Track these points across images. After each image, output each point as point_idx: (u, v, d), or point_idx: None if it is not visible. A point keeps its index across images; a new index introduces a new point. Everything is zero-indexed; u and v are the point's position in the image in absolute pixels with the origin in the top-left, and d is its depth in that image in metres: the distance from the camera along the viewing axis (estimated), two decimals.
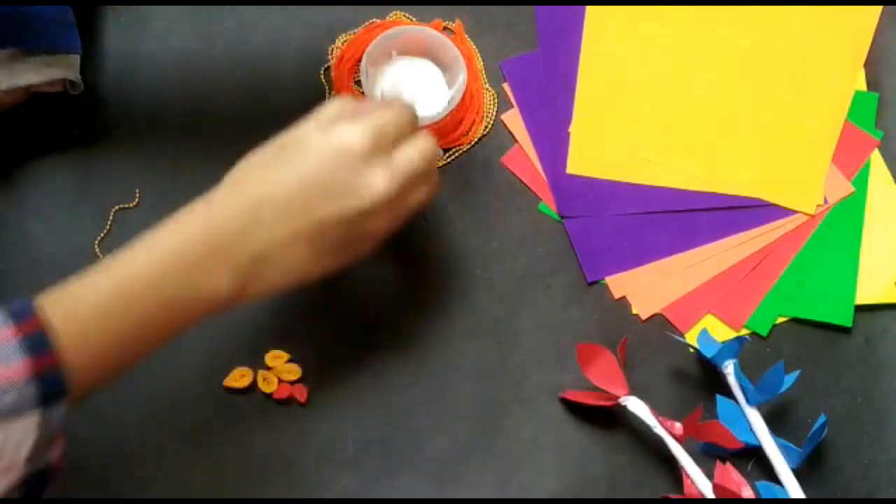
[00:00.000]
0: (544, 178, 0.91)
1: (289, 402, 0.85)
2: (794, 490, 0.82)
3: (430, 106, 0.91)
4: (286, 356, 0.85)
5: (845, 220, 0.91)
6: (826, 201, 0.91)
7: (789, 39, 0.94)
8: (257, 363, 0.85)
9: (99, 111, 0.90)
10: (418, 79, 0.93)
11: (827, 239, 0.91)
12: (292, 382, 0.85)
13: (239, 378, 0.85)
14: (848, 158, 0.92)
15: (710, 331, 0.87)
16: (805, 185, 0.91)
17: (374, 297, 0.88)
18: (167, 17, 0.92)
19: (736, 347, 0.83)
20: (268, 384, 0.85)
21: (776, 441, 0.83)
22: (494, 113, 0.93)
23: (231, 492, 0.84)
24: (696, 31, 0.94)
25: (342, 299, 0.88)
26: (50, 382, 0.59)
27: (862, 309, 0.89)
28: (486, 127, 0.92)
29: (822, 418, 0.83)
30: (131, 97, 0.91)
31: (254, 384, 0.85)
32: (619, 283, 0.90)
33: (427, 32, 0.91)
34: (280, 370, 0.85)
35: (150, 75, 0.91)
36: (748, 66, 0.94)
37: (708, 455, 0.85)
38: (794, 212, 0.91)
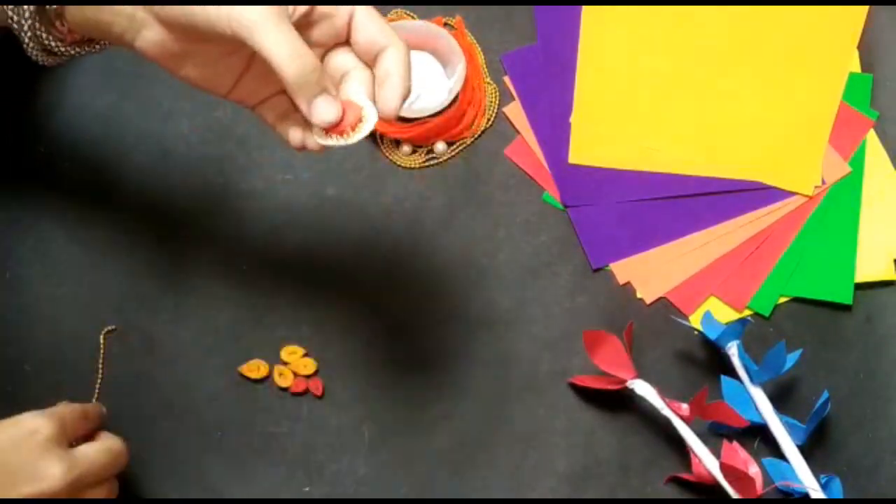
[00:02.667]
0: (547, 168, 0.93)
1: (304, 394, 0.87)
2: (800, 466, 0.83)
3: (432, 99, 0.93)
4: (301, 351, 0.87)
5: (843, 199, 0.92)
6: (824, 182, 0.92)
7: (784, 23, 0.95)
8: (273, 358, 0.87)
9: (109, 116, 0.91)
10: (419, 72, 0.94)
11: (825, 219, 0.92)
12: (308, 377, 0.87)
13: (255, 369, 0.87)
14: (844, 139, 0.93)
15: (714, 313, 0.88)
16: (803, 167, 0.93)
17: (385, 290, 0.90)
18: None
19: (739, 328, 0.85)
20: (283, 378, 0.86)
21: (781, 419, 0.85)
22: (496, 106, 0.94)
23: (248, 481, 0.85)
24: (692, 17, 0.95)
25: (355, 293, 0.89)
26: None
27: (862, 287, 0.91)
28: (489, 120, 0.94)
29: (824, 395, 0.84)
30: (140, 102, 0.93)
31: (269, 377, 0.87)
32: (624, 269, 0.91)
33: (426, 27, 0.93)
34: (296, 365, 0.86)
35: (157, 80, 0.93)
36: (744, 51, 0.95)
37: (715, 434, 0.86)
38: (793, 193, 0.92)
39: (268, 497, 0.85)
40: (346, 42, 0.70)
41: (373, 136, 0.92)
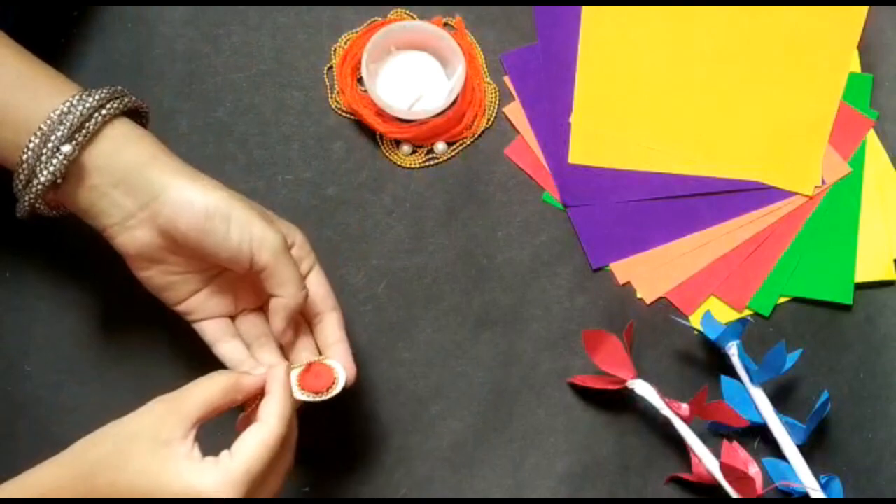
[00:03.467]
0: (547, 168, 0.93)
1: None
2: (800, 466, 0.83)
3: (432, 99, 0.93)
4: None
5: (843, 199, 0.93)
6: (824, 182, 0.93)
7: (784, 23, 0.95)
8: None
9: None
10: (419, 73, 0.94)
11: (825, 219, 0.92)
12: None
13: None
14: (844, 139, 0.93)
15: (714, 313, 0.88)
16: (803, 167, 0.93)
17: (385, 290, 0.90)
18: (173, 22, 0.94)
19: (739, 329, 0.85)
20: None
21: (781, 419, 0.85)
22: (496, 106, 0.94)
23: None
24: (692, 17, 0.96)
25: (354, 293, 0.89)
26: None
27: (862, 287, 0.91)
28: (489, 120, 0.94)
29: (824, 395, 0.84)
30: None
31: None
32: (624, 269, 0.91)
33: (425, 27, 0.93)
34: None
35: (157, 80, 0.93)
36: (744, 51, 0.95)
37: (715, 434, 0.87)
38: (793, 193, 0.92)
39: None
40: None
41: (373, 136, 0.92)
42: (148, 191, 0.72)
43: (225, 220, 0.72)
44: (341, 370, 0.77)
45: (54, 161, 0.70)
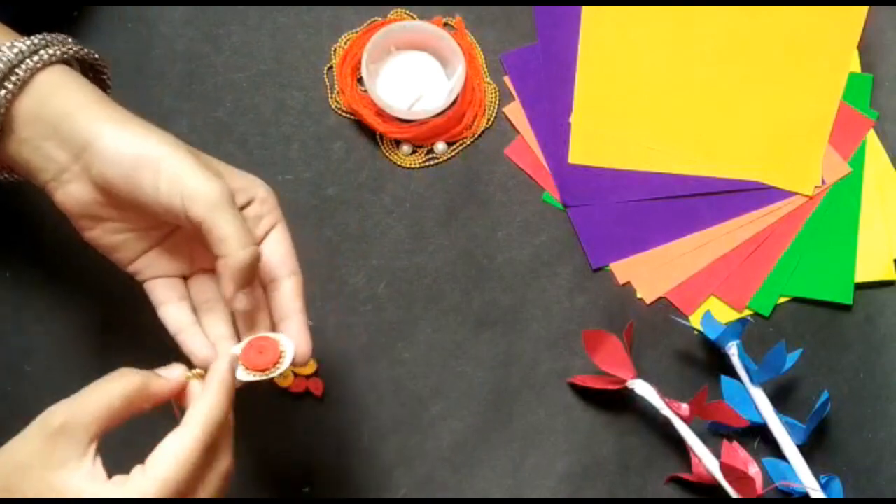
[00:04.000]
0: (547, 168, 0.93)
1: (304, 395, 0.87)
2: (800, 466, 0.84)
3: (432, 99, 0.93)
4: None
5: (843, 199, 0.93)
6: (824, 182, 0.93)
7: (783, 23, 0.95)
8: None
9: None
10: (419, 73, 0.94)
11: (825, 219, 0.92)
12: (308, 376, 0.87)
13: None
14: (844, 139, 0.94)
15: (714, 313, 0.88)
16: (803, 167, 0.93)
17: (385, 290, 0.90)
18: (173, 22, 0.94)
19: (739, 329, 0.85)
20: (284, 379, 0.86)
21: (781, 418, 0.85)
22: (496, 106, 0.94)
23: (249, 483, 0.85)
24: (692, 17, 0.96)
25: (354, 293, 0.89)
26: None
27: (862, 287, 0.91)
28: (489, 120, 0.94)
29: (824, 395, 0.84)
30: (140, 102, 0.93)
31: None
32: (624, 269, 0.91)
33: (425, 27, 0.93)
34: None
35: (158, 80, 0.93)
36: (744, 51, 0.95)
37: (715, 434, 0.87)
38: (793, 193, 0.92)
39: (267, 498, 0.85)
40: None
41: (373, 136, 0.92)
42: (78, 141, 0.67)
43: (154, 170, 0.66)
44: (289, 344, 0.70)
45: None
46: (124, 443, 0.63)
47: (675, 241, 0.92)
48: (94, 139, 0.66)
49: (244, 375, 0.68)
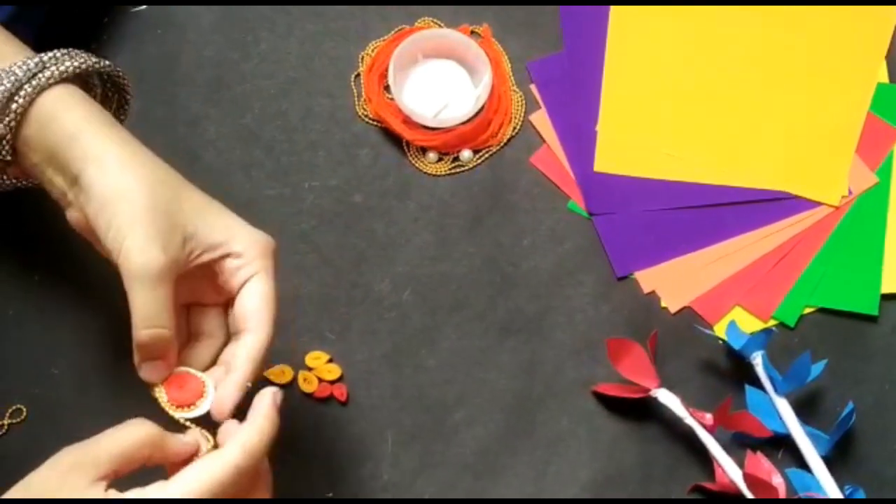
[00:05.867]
0: (573, 176, 0.93)
1: (329, 400, 0.87)
2: (824, 477, 0.83)
3: (459, 107, 0.93)
4: (326, 356, 0.87)
5: (869, 210, 0.92)
6: (850, 192, 0.92)
7: (811, 33, 0.95)
8: (298, 364, 0.87)
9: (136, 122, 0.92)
10: (445, 81, 0.95)
11: (852, 229, 0.92)
12: (332, 382, 0.87)
13: (280, 374, 0.87)
14: (871, 150, 0.93)
15: (738, 322, 0.88)
16: (829, 177, 0.93)
17: (410, 297, 0.90)
18: (202, 29, 0.94)
19: (763, 339, 0.85)
20: (308, 384, 0.87)
21: (805, 429, 0.84)
22: (522, 114, 0.94)
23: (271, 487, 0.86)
24: (718, 26, 0.96)
25: (379, 299, 0.90)
26: None
27: (888, 297, 0.90)
28: (515, 128, 0.94)
29: (849, 406, 0.84)
30: (168, 107, 0.93)
31: (294, 382, 0.87)
32: (649, 278, 0.91)
33: (452, 35, 0.93)
34: (320, 370, 0.87)
35: (186, 86, 0.94)
36: (771, 61, 0.95)
37: (739, 444, 0.86)
38: (819, 203, 0.92)
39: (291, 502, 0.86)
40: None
41: (399, 143, 0.93)
42: (71, 172, 0.68)
43: (110, 216, 0.66)
44: (211, 386, 0.69)
45: None
46: None
47: (701, 250, 0.91)
48: (79, 173, 0.68)
49: (171, 410, 0.68)
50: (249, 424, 0.65)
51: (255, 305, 0.70)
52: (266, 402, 0.66)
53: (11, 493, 0.60)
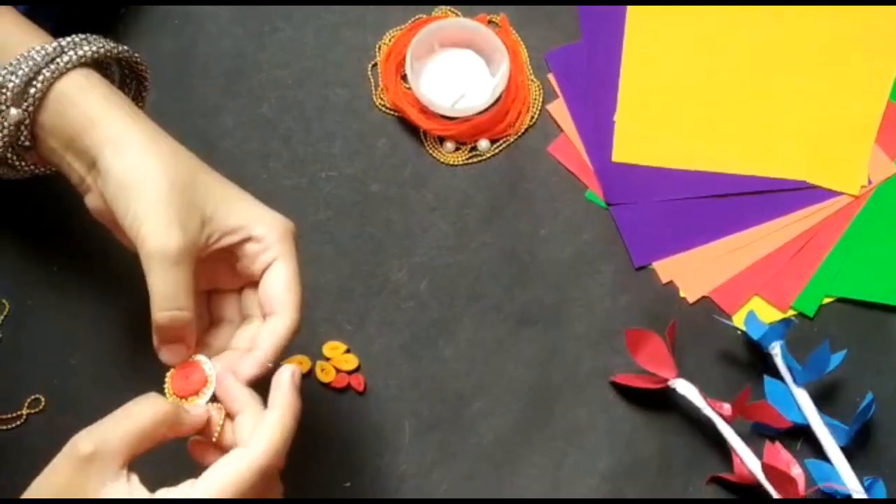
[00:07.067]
0: (590, 166, 0.93)
1: (346, 390, 0.87)
2: (843, 468, 0.83)
3: (476, 97, 0.93)
4: (343, 347, 0.87)
5: (889, 199, 0.92)
6: (870, 181, 0.92)
7: (831, 22, 0.95)
8: (315, 354, 0.87)
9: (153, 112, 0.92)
10: (462, 70, 0.95)
11: (872, 219, 0.91)
12: (350, 372, 0.87)
13: (297, 364, 0.86)
14: (891, 139, 0.93)
15: (757, 312, 0.88)
16: (849, 166, 0.92)
17: (427, 287, 0.90)
18: (218, 20, 0.94)
19: (783, 329, 0.85)
20: (326, 374, 0.87)
21: (824, 420, 0.84)
22: (540, 103, 0.94)
23: (289, 479, 0.85)
24: (737, 15, 0.95)
25: (397, 289, 0.90)
26: None
27: None
28: (533, 117, 0.94)
29: (868, 397, 0.84)
30: (185, 98, 0.93)
31: (311, 372, 0.87)
32: (667, 268, 0.91)
33: (469, 24, 0.93)
34: (338, 360, 0.87)
35: (203, 77, 0.94)
36: (790, 50, 0.95)
37: (757, 435, 0.86)
38: (839, 193, 0.92)
39: (308, 496, 0.85)
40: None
41: (417, 133, 0.93)
42: (89, 156, 0.68)
43: (127, 200, 0.66)
44: (213, 377, 0.68)
45: (4, 127, 0.69)
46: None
47: (719, 240, 0.91)
48: (97, 157, 0.68)
49: (169, 398, 0.68)
50: (272, 420, 0.64)
51: (279, 289, 0.70)
52: (285, 391, 0.65)
53: (31, 493, 0.60)
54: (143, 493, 0.59)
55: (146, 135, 0.69)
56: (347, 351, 0.88)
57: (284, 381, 0.66)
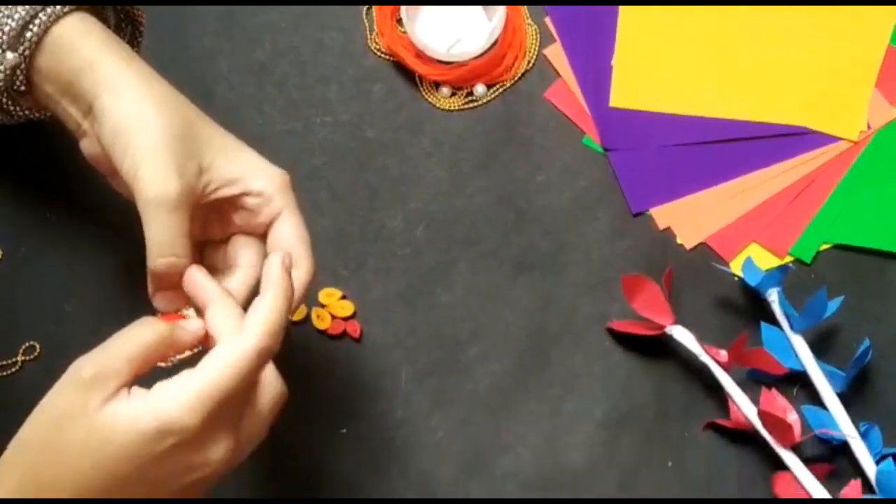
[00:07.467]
0: (588, 111, 0.92)
1: (342, 337, 0.87)
2: (839, 414, 0.83)
3: (472, 41, 0.92)
4: (339, 293, 0.87)
5: (889, 144, 0.91)
6: (869, 127, 0.91)
7: None
8: (311, 300, 0.87)
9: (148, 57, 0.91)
10: (459, 14, 0.93)
11: (871, 164, 0.91)
12: (346, 318, 0.87)
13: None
14: (891, 83, 0.92)
15: (755, 259, 0.88)
16: (848, 111, 0.91)
17: (424, 233, 0.89)
18: None
19: (780, 275, 0.84)
20: (321, 321, 0.87)
21: (821, 366, 0.84)
22: (537, 48, 0.93)
23: (284, 424, 0.86)
24: None
25: (393, 236, 0.89)
26: None
27: None
28: (530, 62, 0.93)
29: (865, 343, 0.84)
30: (179, 42, 0.92)
31: (307, 319, 0.87)
32: (664, 214, 0.90)
33: None
34: (334, 307, 0.87)
35: (198, 20, 0.93)
36: None
37: (754, 381, 0.86)
38: (838, 138, 0.91)
39: (304, 443, 0.86)
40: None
41: (412, 78, 0.92)
42: (86, 100, 0.68)
43: (126, 144, 0.65)
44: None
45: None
46: None
47: (717, 186, 0.91)
48: (94, 101, 0.67)
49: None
50: (267, 301, 0.63)
51: (291, 242, 0.70)
52: (276, 273, 0.65)
53: (35, 414, 0.59)
54: (141, 396, 0.58)
55: (144, 79, 0.68)
56: (343, 297, 0.87)
57: (276, 265, 0.65)
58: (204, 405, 0.58)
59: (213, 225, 0.72)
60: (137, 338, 0.61)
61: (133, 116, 0.66)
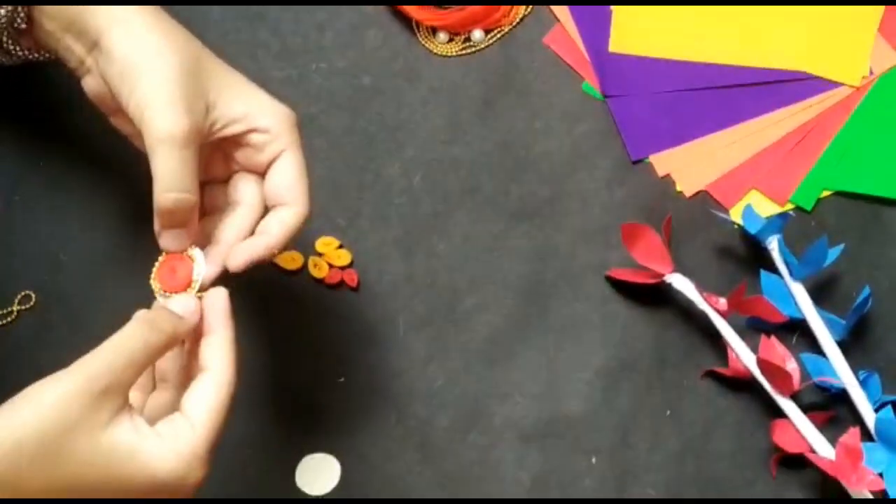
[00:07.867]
0: (587, 57, 0.91)
1: (339, 286, 0.87)
2: (839, 362, 0.83)
3: None
4: (336, 242, 0.87)
5: (891, 90, 0.90)
6: (871, 72, 0.91)
7: None
8: (307, 250, 0.87)
9: None
10: None
11: (872, 110, 0.90)
12: (343, 267, 0.87)
13: (290, 260, 0.86)
14: (894, 28, 0.91)
15: (755, 206, 0.87)
16: (850, 57, 0.91)
17: (421, 181, 0.89)
18: None
19: (780, 223, 0.84)
20: (318, 269, 0.86)
21: (820, 314, 0.84)
22: None
23: (281, 372, 0.86)
24: None
25: (389, 184, 0.88)
26: None
27: None
28: (528, 7, 0.92)
29: (865, 291, 0.83)
30: None
31: (304, 268, 0.87)
32: (664, 161, 0.90)
33: None
34: (330, 256, 0.86)
35: None
36: None
37: (753, 329, 0.86)
38: (839, 84, 0.90)
39: (302, 392, 0.85)
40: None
41: (409, 24, 0.91)
42: (91, 36, 0.67)
43: (133, 82, 0.65)
44: (201, 265, 0.69)
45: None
46: None
47: (717, 132, 0.90)
48: (100, 36, 0.67)
49: (159, 297, 0.68)
50: (224, 340, 0.66)
51: (290, 180, 0.70)
52: (223, 314, 0.67)
53: (37, 414, 0.57)
54: (145, 428, 0.60)
55: (152, 14, 0.68)
56: (340, 246, 0.87)
57: (220, 304, 0.67)
58: (209, 452, 0.62)
59: (216, 164, 0.72)
60: (143, 342, 0.61)
61: (141, 53, 0.66)
